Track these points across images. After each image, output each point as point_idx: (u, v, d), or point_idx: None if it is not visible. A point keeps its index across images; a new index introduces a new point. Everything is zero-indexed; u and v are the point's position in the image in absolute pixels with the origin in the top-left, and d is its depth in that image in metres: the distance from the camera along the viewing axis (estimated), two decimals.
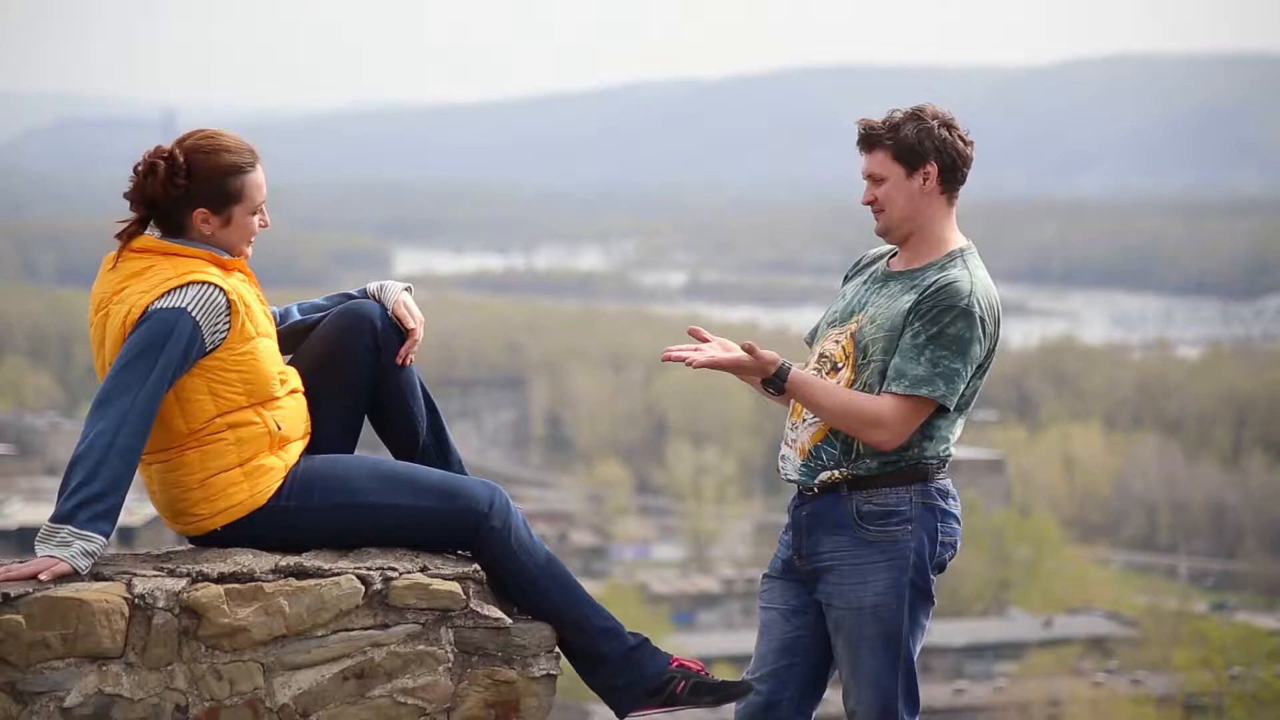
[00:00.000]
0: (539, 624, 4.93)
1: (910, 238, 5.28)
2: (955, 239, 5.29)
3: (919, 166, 5.22)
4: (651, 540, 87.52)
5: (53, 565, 4.60)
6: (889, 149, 5.23)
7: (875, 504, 5.19)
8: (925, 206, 5.25)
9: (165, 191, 4.84)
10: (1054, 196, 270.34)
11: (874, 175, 5.26)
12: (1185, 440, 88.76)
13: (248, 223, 4.93)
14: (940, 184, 5.25)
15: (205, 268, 4.82)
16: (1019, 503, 79.14)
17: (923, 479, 5.20)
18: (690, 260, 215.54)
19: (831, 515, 5.23)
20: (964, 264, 5.23)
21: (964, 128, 5.28)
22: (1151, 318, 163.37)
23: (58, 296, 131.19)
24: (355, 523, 4.91)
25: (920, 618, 5.28)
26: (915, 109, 5.26)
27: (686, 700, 5.00)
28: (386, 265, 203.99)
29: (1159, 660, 55.41)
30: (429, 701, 4.83)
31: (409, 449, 5.17)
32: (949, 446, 5.25)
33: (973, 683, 58.40)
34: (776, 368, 5.20)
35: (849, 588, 5.22)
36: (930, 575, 5.25)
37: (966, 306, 5.13)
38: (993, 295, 5.20)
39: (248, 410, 4.85)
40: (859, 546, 5.20)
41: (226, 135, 4.95)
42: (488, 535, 4.92)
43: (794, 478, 5.31)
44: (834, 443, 5.22)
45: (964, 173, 5.29)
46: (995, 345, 5.22)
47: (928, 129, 5.22)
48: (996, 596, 72.81)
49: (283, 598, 4.72)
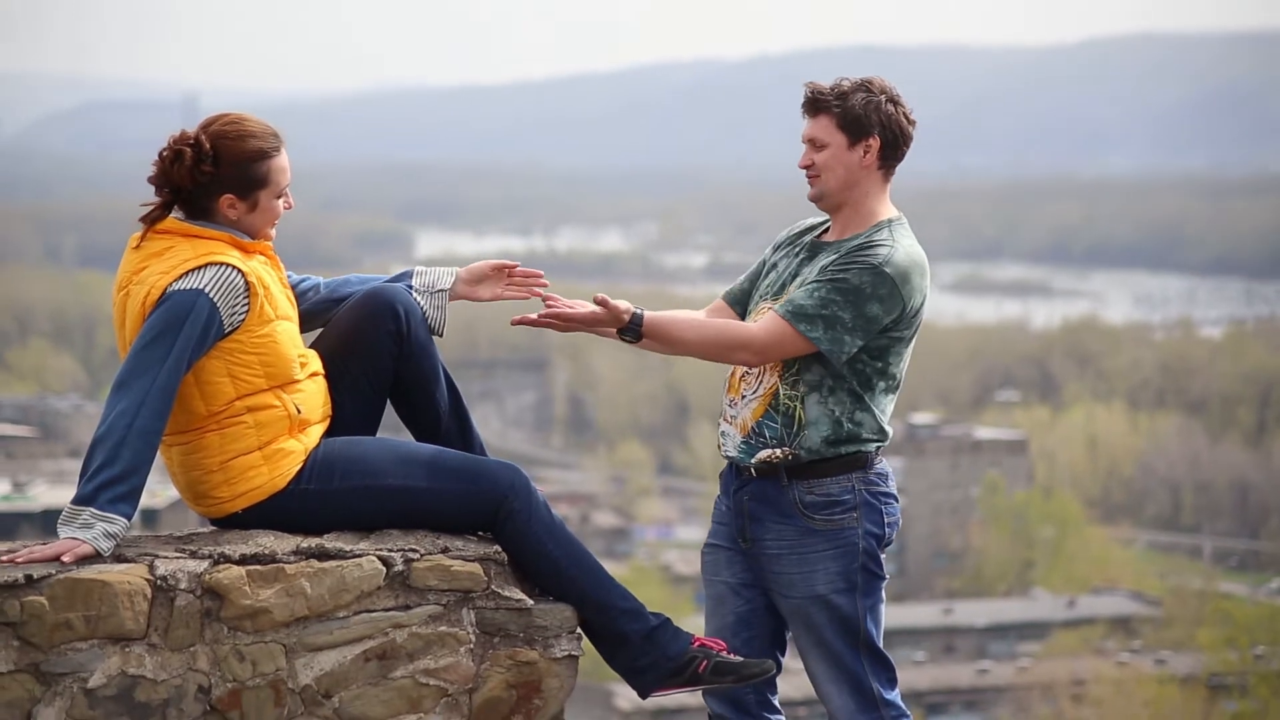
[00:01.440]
0: (560, 605, 4.93)
1: (842, 208, 5.26)
2: (886, 211, 5.26)
3: (862, 138, 5.19)
4: (674, 521, 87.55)
5: (75, 547, 4.61)
6: (834, 116, 5.20)
7: (818, 494, 5.16)
8: (862, 179, 5.22)
9: (191, 178, 4.84)
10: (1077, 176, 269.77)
11: (815, 140, 5.23)
12: (1209, 420, 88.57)
13: (273, 206, 4.94)
14: (879, 158, 5.22)
15: (225, 250, 4.83)
16: (1042, 483, 79.03)
17: (863, 467, 5.18)
18: (712, 241, 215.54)
19: (774, 503, 5.20)
20: (890, 232, 5.19)
21: (909, 106, 5.25)
22: (1175, 297, 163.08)
23: (80, 279, 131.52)
24: (376, 505, 4.90)
25: (876, 599, 5.24)
26: (864, 80, 5.23)
27: (709, 680, 5.00)
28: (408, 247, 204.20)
29: (1183, 640, 55.39)
30: (451, 682, 4.84)
31: (431, 432, 5.17)
32: (886, 425, 5.22)
33: (996, 663, 58.42)
34: (630, 315, 5.16)
35: (798, 576, 5.19)
36: (880, 557, 5.23)
37: (877, 265, 5.09)
38: (914, 264, 5.13)
39: (267, 393, 4.86)
40: (805, 535, 5.18)
41: (251, 120, 4.95)
42: (509, 517, 4.92)
43: (734, 455, 5.27)
44: (775, 418, 5.18)
45: (903, 150, 5.26)
46: (915, 315, 5.16)
47: (875, 102, 5.19)
48: (1020, 577, 72.79)
49: (304, 579, 4.73)
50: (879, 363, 5.16)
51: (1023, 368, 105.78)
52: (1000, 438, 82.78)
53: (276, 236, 5.02)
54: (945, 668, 58.38)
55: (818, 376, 5.14)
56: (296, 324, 4.99)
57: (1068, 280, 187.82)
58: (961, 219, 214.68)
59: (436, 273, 5.24)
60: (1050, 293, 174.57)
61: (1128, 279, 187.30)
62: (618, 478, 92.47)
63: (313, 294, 5.20)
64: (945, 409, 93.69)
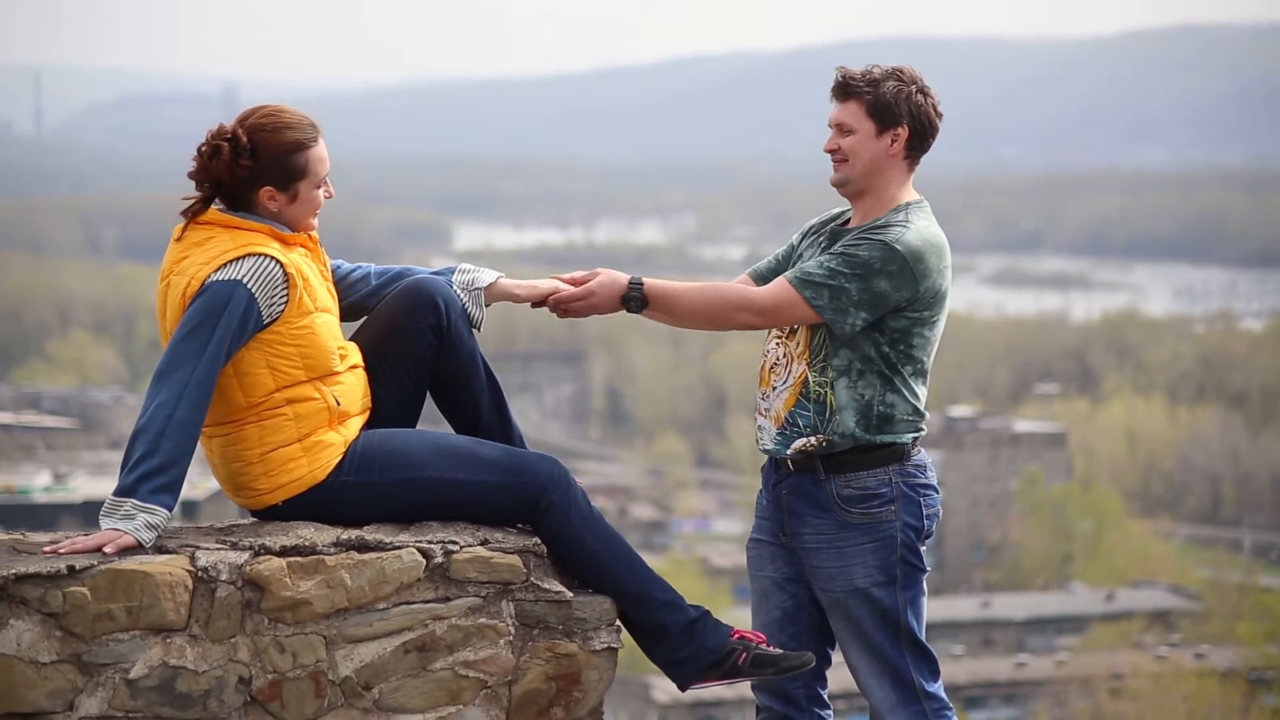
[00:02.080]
0: (599, 597, 4.94)
1: (865, 195, 5.25)
2: (907, 197, 5.25)
3: (890, 127, 5.19)
4: (711, 514, 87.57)
5: (117, 538, 4.63)
6: (864, 103, 5.19)
7: (855, 488, 5.16)
8: (887, 167, 5.21)
9: (230, 172, 4.86)
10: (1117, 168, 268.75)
11: (843, 125, 5.22)
12: (1249, 413, 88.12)
13: (313, 197, 4.95)
14: (906, 148, 5.21)
15: (265, 241, 4.84)
16: (1081, 476, 78.80)
17: (899, 459, 5.17)
18: (749, 234, 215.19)
19: (812, 497, 5.20)
20: (906, 214, 5.19)
21: (938, 98, 5.25)
22: (1215, 290, 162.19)
23: (120, 271, 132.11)
24: (415, 497, 4.91)
25: (917, 591, 5.23)
26: (895, 68, 5.23)
27: (748, 672, 5.00)
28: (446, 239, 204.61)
29: (1223, 634, 55.18)
30: (490, 674, 4.84)
31: (471, 424, 5.17)
32: (920, 407, 5.20)
33: (1034, 656, 58.32)
34: (629, 283, 5.23)
35: (837, 570, 5.19)
36: (920, 550, 5.22)
37: (888, 242, 5.09)
38: (927, 243, 5.12)
39: (306, 385, 4.87)
40: (843, 529, 5.18)
41: (288, 111, 4.95)
42: (548, 509, 4.92)
43: (770, 448, 5.27)
44: (807, 405, 5.18)
45: (930, 142, 5.25)
46: (934, 296, 5.13)
47: (906, 91, 5.18)
48: (1059, 570, 72.59)
49: (344, 571, 4.74)
50: (901, 345, 5.14)
51: (1062, 360, 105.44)
52: (1039, 431, 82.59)
53: (318, 227, 5.04)
54: (983, 661, 58.28)
55: (845, 361, 5.14)
56: (337, 316, 5.00)
57: (1107, 273, 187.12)
58: (999, 211, 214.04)
59: (478, 271, 5.26)
60: (1090, 285, 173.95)
61: (1168, 271, 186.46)
62: (655, 470, 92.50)
63: (363, 284, 5.22)
64: (984, 402, 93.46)
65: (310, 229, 4.99)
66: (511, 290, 5.28)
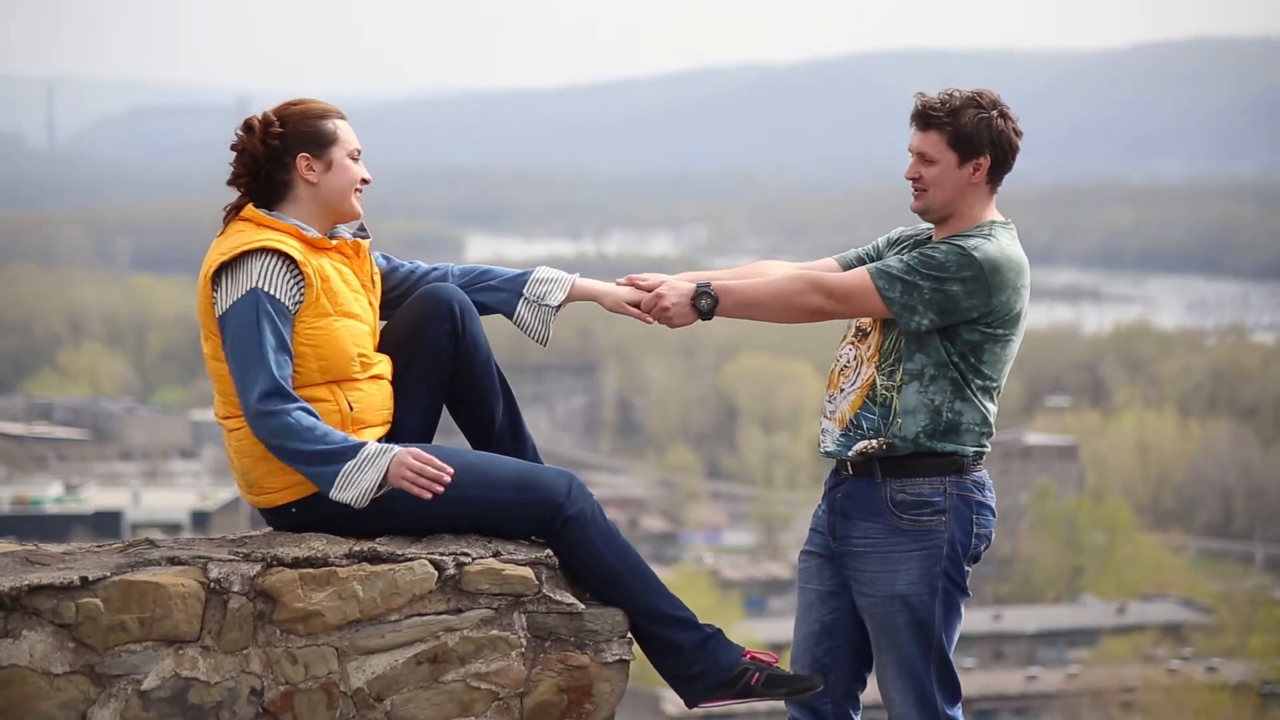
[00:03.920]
0: (611, 609, 4.94)
1: (949, 220, 5.25)
2: (990, 215, 5.25)
3: (973, 157, 5.17)
4: (722, 526, 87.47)
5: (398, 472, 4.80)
6: (945, 133, 5.16)
7: (909, 494, 5.15)
8: (969, 194, 5.20)
9: (265, 144, 4.92)
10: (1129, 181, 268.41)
11: (925, 155, 5.20)
12: (1261, 426, 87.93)
13: (349, 166, 4.99)
14: (988, 175, 5.20)
15: (283, 238, 4.87)
16: (1092, 489, 78.66)
17: (958, 471, 5.16)
18: (761, 245, 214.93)
19: (866, 500, 5.20)
20: (990, 228, 5.19)
21: (1015, 116, 5.22)
22: (1227, 302, 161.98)
23: (132, 282, 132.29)
24: (432, 512, 4.90)
25: (953, 610, 5.22)
26: (974, 94, 5.19)
27: (761, 692, 5.00)
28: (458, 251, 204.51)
29: (1234, 647, 55.06)
30: (502, 686, 4.85)
31: (484, 435, 5.18)
32: (989, 427, 5.19)
33: (1045, 669, 58.21)
34: (696, 289, 5.23)
35: (880, 575, 5.19)
36: (965, 568, 5.21)
37: (967, 249, 5.09)
38: (1007, 259, 5.11)
39: (321, 387, 4.88)
40: (891, 534, 5.17)
41: (307, 98, 5.06)
42: (565, 525, 4.92)
43: (832, 450, 5.27)
44: (872, 409, 5.18)
45: (1011, 164, 5.24)
46: (1008, 314, 5.12)
47: (987, 119, 5.15)
48: (1070, 583, 72.47)
49: (356, 582, 4.75)
50: (972, 359, 5.13)
51: (1073, 373, 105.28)
52: (1051, 443, 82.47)
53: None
54: (994, 674, 58.16)
55: (918, 365, 5.13)
56: (370, 326, 5.02)
57: (1119, 285, 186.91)
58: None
59: (551, 284, 5.23)
60: (1101, 298, 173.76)
61: (1180, 284, 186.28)
62: (666, 482, 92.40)
63: (422, 281, 5.30)
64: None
65: (356, 212, 5.02)
66: (592, 290, 5.32)
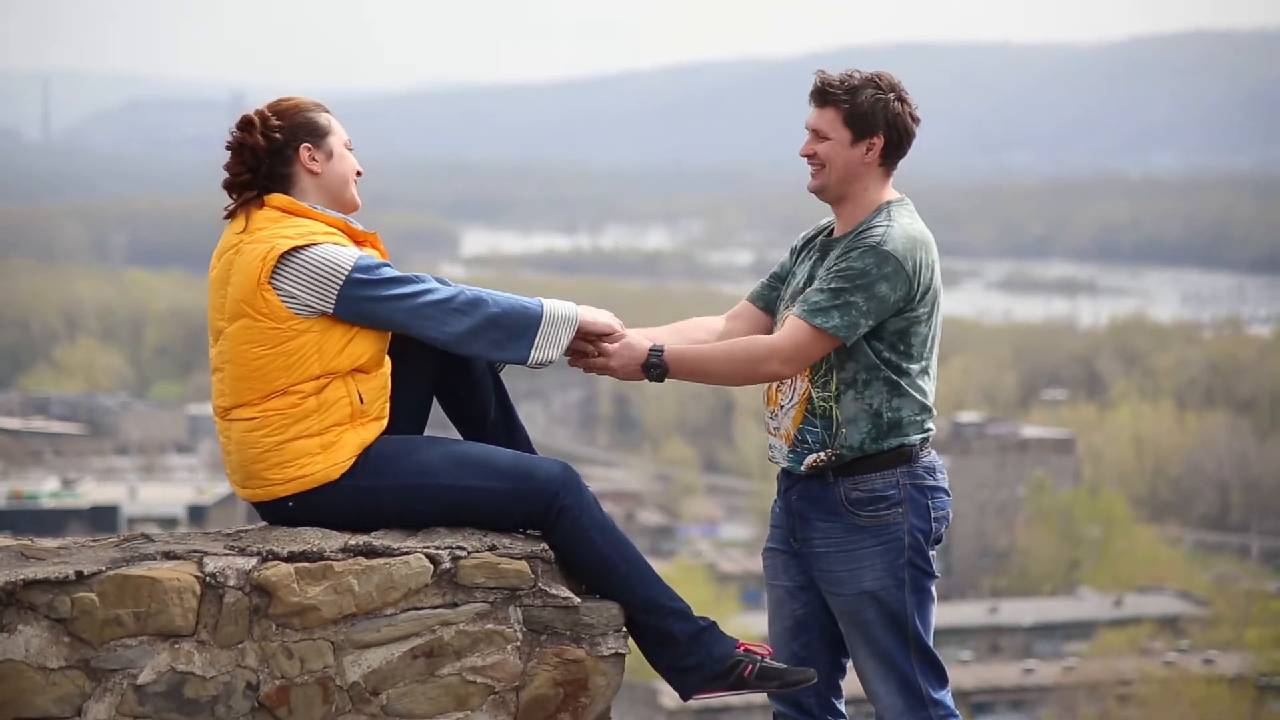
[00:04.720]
0: (607, 603, 4.94)
1: (844, 201, 5.25)
2: (886, 196, 5.25)
3: (866, 137, 5.18)
4: (719, 519, 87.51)
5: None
6: (841, 111, 5.18)
7: (863, 490, 5.16)
8: (863, 174, 5.21)
9: (266, 140, 4.93)
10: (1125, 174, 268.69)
11: (819, 131, 5.22)
12: (1257, 419, 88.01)
13: (347, 155, 5.05)
14: (881, 156, 5.21)
15: (339, 235, 4.96)
16: (1089, 482, 78.71)
17: (908, 460, 5.17)
18: (757, 240, 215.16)
19: (821, 501, 5.20)
20: (888, 214, 5.18)
21: (914, 102, 5.24)
22: (1223, 295, 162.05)
23: (128, 277, 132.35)
24: (428, 504, 4.91)
25: (925, 595, 5.22)
26: (874, 75, 5.21)
27: (754, 684, 5.01)
28: (454, 245, 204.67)
29: (1231, 639, 55.09)
30: (498, 680, 4.84)
31: (477, 428, 5.18)
32: (928, 411, 5.20)
33: (1042, 662, 58.22)
34: (649, 353, 5.17)
35: (845, 574, 5.19)
36: (929, 553, 5.22)
37: (876, 244, 5.09)
38: (913, 240, 5.12)
39: (340, 378, 4.88)
40: (851, 532, 5.17)
41: (291, 94, 5.11)
42: (560, 515, 4.92)
43: (784, 464, 5.30)
44: (814, 421, 5.19)
45: (906, 149, 5.25)
46: (926, 291, 5.13)
47: (883, 100, 5.17)
48: (1066, 576, 72.51)
49: (352, 576, 4.75)
50: (901, 346, 5.14)
51: (1070, 366, 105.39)
52: (1047, 436, 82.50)
53: None
54: (991, 667, 58.20)
55: (850, 373, 5.14)
56: None
57: (1115, 278, 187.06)
58: (1007, 217, 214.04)
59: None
60: (1097, 291, 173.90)
61: (1176, 277, 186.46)
62: (663, 476, 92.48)
63: None
64: (991, 408, 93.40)
65: (356, 202, 5.07)
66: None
